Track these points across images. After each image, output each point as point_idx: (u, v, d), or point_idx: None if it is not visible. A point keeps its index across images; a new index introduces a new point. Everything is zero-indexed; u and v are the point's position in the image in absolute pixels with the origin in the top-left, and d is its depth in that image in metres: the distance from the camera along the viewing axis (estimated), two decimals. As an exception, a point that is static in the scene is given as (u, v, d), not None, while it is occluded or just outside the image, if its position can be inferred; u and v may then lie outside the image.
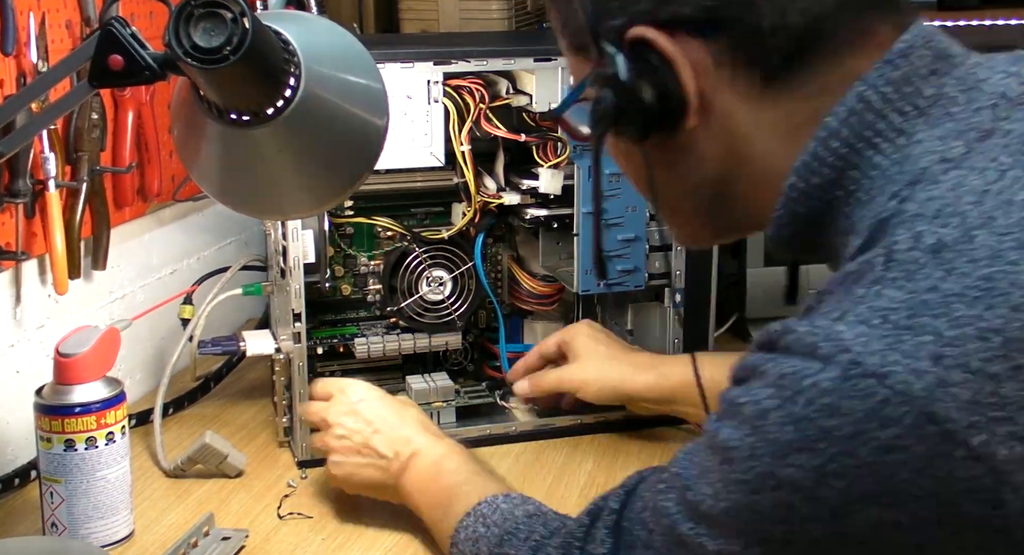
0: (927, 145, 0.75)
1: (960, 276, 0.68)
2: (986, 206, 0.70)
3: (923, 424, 0.66)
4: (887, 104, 0.77)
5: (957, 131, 0.75)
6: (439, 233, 1.40)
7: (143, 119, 1.39)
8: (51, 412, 1.09)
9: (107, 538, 1.12)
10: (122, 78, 0.78)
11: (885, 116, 0.77)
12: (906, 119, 0.76)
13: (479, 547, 1.01)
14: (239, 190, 0.87)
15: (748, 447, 0.71)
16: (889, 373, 0.67)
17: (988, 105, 0.76)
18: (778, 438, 0.69)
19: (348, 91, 0.84)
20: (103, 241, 1.35)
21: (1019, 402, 0.66)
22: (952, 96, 0.77)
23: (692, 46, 0.78)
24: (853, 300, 0.71)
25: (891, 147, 0.76)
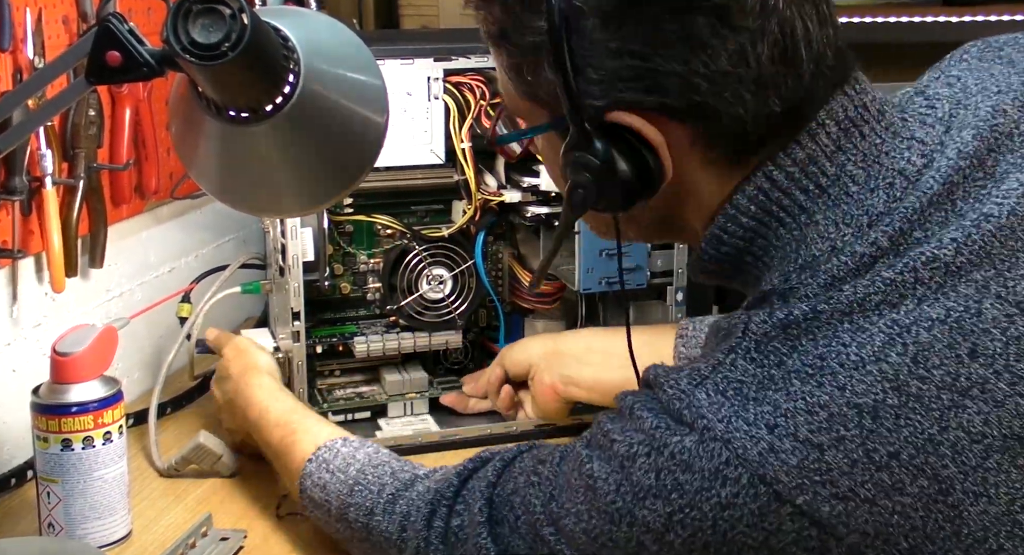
0: (822, 229, 0.82)
1: (802, 354, 0.77)
2: None
3: (756, 484, 0.75)
4: (792, 183, 0.83)
5: (851, 216, 0.82)
6: (439, 231, 1.40)
7: (141, 116, 1.39)
8: (48, 411, 1.09)
9: (104, 538, 1.12)
10: (120, 74, 0.78)
11: (790, 194, 0.83)
12: (809, 198, 0.83)
13: (328, 495, 1.06)
14: (238, 188, 0.87)
15: (614, 483, 0.80)
16: (731, 438, 0.76)
17: (884, 185, 0.82)
18: (640, 482, 0.78)
19: (347, 88, 0.84)
20: (100, 239, 1.35)
21: (840, 468, 0.74)
22: (852, 173, 0.83)
23: (672, 129, 0.83)
24: (712, 365, 0.80)
25: (794, 223, 0.83)
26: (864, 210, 0.82)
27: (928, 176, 0.81)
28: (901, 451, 0.74)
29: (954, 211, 0.80)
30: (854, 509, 0.74)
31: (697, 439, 0.77)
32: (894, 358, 0.75)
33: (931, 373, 0.75)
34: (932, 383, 0.75)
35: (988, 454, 0.75)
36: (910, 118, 0.85)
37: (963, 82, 0.89)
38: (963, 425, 0.75)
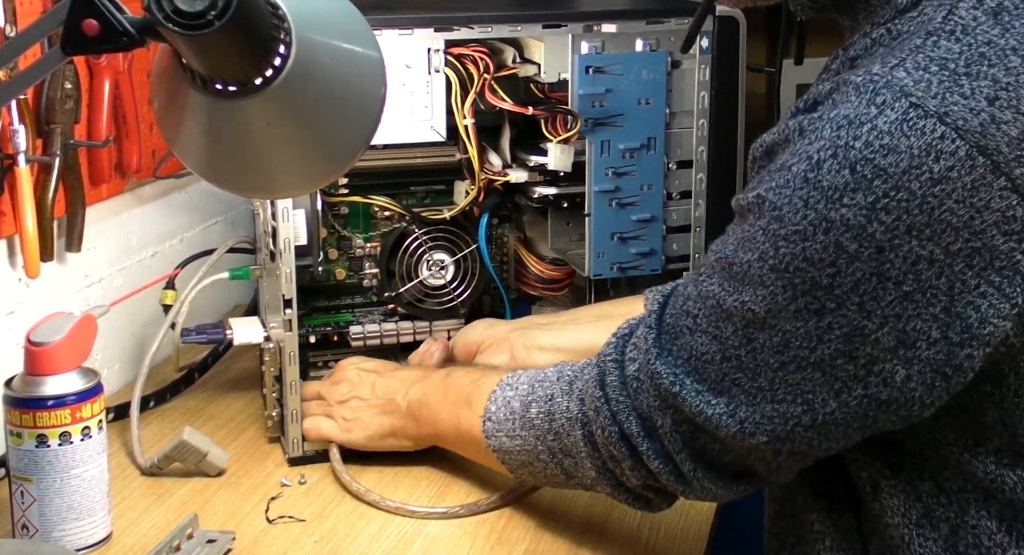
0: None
1: (1016, 34, 0.82)
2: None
3: (974, 156, 0.79)
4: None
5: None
6: (440, 213, 1.39)
7: (121, 89, 1.38)
8: (22, 405, 1.09)
9: (82, 541, 1.11)
10: (97, 44, 0.77)
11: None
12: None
13: (511, 406, 1.10)
14: (225, 166, 0.86)
15: (800, 199, 0.82)
16: (948, 112, 0.79)
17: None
18: (833, 183, 0.81)
19: (342, 60, 0.83)
20: (78, 221, 1.35)
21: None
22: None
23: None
24: (909, 50, 0.82)
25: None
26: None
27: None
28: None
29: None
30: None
31: (900, 117, 0.79)
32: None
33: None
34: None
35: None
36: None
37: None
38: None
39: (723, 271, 0.89)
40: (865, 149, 0.80)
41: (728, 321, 0.88)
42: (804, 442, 0.89)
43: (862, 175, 0.80)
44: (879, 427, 0.88)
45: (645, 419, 0.96)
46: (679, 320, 0.93)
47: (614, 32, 1.33)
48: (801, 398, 0.87)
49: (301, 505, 1.21)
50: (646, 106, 1.35)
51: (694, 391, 0.91)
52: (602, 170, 1.35)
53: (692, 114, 1.37)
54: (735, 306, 0.87)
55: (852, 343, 0.83)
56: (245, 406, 1.43)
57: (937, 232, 0.80)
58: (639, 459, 0.98)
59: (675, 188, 1.39)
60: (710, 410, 0.90)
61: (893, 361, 0.83)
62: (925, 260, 0.80)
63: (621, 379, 0.97)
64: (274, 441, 1.34)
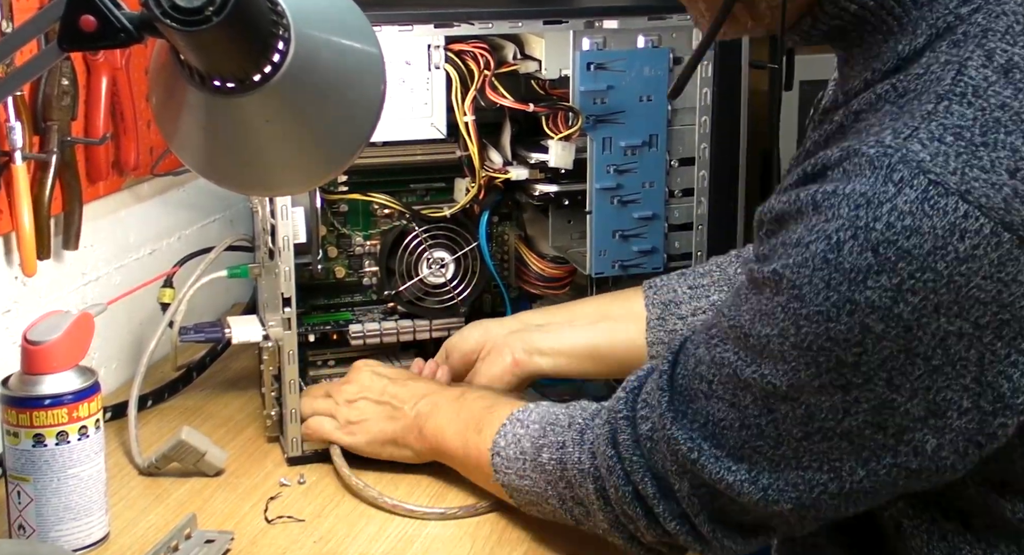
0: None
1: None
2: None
3: (1000, 232, 0.77)
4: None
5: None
6: (440, 211, 1.39)
7: (118, 86, 1.38)
8: (19, 404, 1.08)
9: (80, 541, 1.11)
10: (95, 41, 0.77)
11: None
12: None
13: (522, 445, 1.08)
14: (223, 164, 0.86)
15: (821, 280, 0.80)
16: (970, 189, 0.77)
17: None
18: (855, 265, 0.79)
19: (342, 56, 0.83)
20: (75, 218, 1.34)
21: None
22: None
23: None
24: (920, 117, 0.80)
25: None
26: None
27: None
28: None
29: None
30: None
31: (920, 196, 0.77)
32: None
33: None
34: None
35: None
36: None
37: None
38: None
39: (738, 341, 0.87)
40: (887, 231, 0.78)
41: (747, 391, 0.86)
42: (830, 508, 0.87)
43: (885, 257, 0.78)
44: (908, 491, 0.86)
45: (660, 480, 0.94)
46: (692, 383, 0.91)
47: (616, 28, 1.33)
48: (828, 466, 0.85)
49: (300, 505, 1.21)
50: (648, 103, 1.35)
51: (713, 457, 0.89)
52: (603, 167, 1.35)
53: (694, 111, 1.37)
54: (754, 377, 0.85)
55: (880, 415, 0.82)
56: (244, 405, 1.43)
57: (965, 308, 0.78)
58: (655, 519, 0.96)
59: (677, 186, 1.38)
60: (731, 477, 0.88)
61: (923, 431, 0.82)
62: (954, 335, 0.79)
63: (634, 438, 0.95)
64: (273, 441, 1.33)
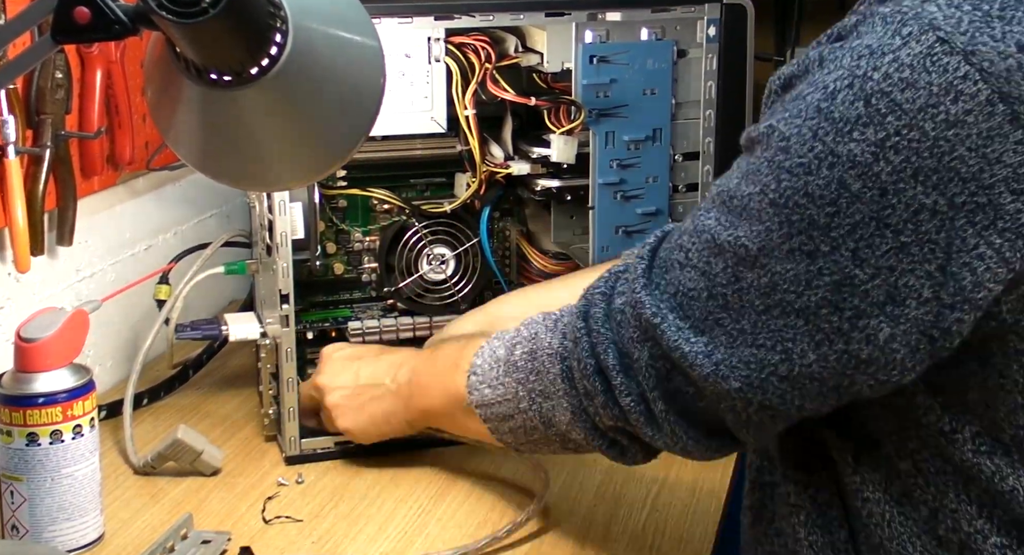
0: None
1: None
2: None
3: (995, 102, 0.77)
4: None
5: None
6: (441, 206, 1.39)
7: (113, 79, 1.38)
8: (12, 403, 1.08)
9: (74, 542, 1.11)
10: (89, 33, 0.77)
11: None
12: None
13: (497, 354, 1.09)
14: (220, 158, 0.86)
15: (810, 130, 0.80)
16: (975, 51, 0.77)
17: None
18: (845, 115, 0.79)
19: (340, 49, 0.83)
20: (69, 214, 1.34)
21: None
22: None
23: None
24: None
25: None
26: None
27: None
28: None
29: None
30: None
31: (924, 51, 0.78)
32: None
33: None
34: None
35: None
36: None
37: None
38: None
39: (723, 205, 0.88)
40: (883, 81, 0.79)
41: (720, 257, 0.87)
42: (776, 394, 0.87)
43: (876, 108, 0.79)
44: (855, 390, 0.86)
45: (623, 354, 0.95)
46: (672, 254, 0.92)
47: (619, 21, 1.33)
48: (781, 346, 0.86)
49: (298, 505, 1.21)
50: (651, 96, 1.34)
51: (675, 326, 0.90)
52: (606, 162, 1.35)
53: (699, 104, 1.37)
54: (728, 241, 0.86)
55: (840, 293, 0.82)
56: (241, 404, 1.43)
57: (944, 180, 0.78)
58: (612, 395, 0.96)
59: (681, 181, 1.38)
60: (687, 347, 0.89)
61: (879, 317, 0.82)
62: (927, 210, 0.79)
63: (606, 312, 0.96)
64: (271, 439, 1.33)
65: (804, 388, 0.87)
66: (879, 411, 0.90)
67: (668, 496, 1.24)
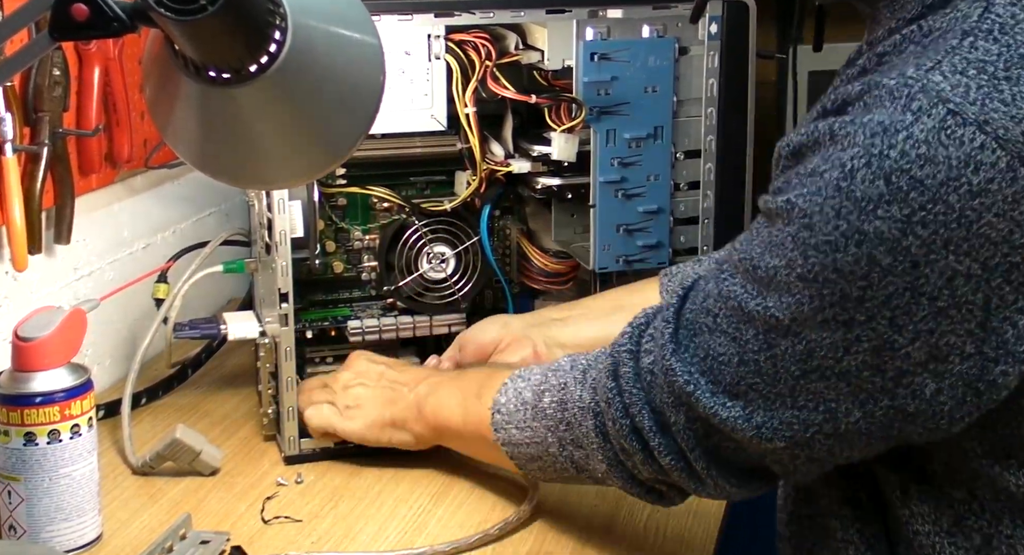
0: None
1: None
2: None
3: (1016, 167, 0.77)
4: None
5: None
6: (441, 204, 1.39)
7: (111, 76, 1.38)
8: (9, 402, 1.08)
9: (72, 542, 1.11)
10: (87, 30, 0.77)
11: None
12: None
13: (523, 396, 1.09)
14: (219, 156, 0.86)
15: (832, 208, 0.80)
16: (988, 120, 0.78)
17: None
18: (867, 194, 0.79)
19: (340, 46, 0.83)
20: (67, 212, 1.34)
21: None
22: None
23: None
24: (944, 51, 0.81)
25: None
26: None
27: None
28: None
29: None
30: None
31: (937, 125, 0.78)
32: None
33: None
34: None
35: None
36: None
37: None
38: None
39: (747, 273, 0.87)
40: (901, 159, 0.78)
41: (749, 324, 0.87)
42: (824, 449, 0.88)
43: (897, 186, 0.78)
44: (903, 438, 0.87)
45: (658, 414, 0.95)
46: (698, 317, 0.92)
47: (619, 18, 1.33)
48: (823, 406, 0.86)
49: (297, 505, 1.21)
50: (653, 94, 1.34)
51: (709, 392, 0.90)
52: (607, 160, 1.35)
53: (700, 102, 1.37)
54: (758, 310, 0.86)
55: (881, 356, 0.82)
56: (240, 403, 1.43)
57: (975, 247, 0.78)
58: (651, 454, 0.97)
59: (683, 178, 1.38)
60: (725, 413, 0.90)
61: (923, 375, 0.82)
62: (962, 276, 0.79)
63: (635, 371, 0.97)
64: (270, 439, 1.33)
65: (852, 442, 0.87)
66: (928, 448, 0.89)
67: (669, 496, 1.24)
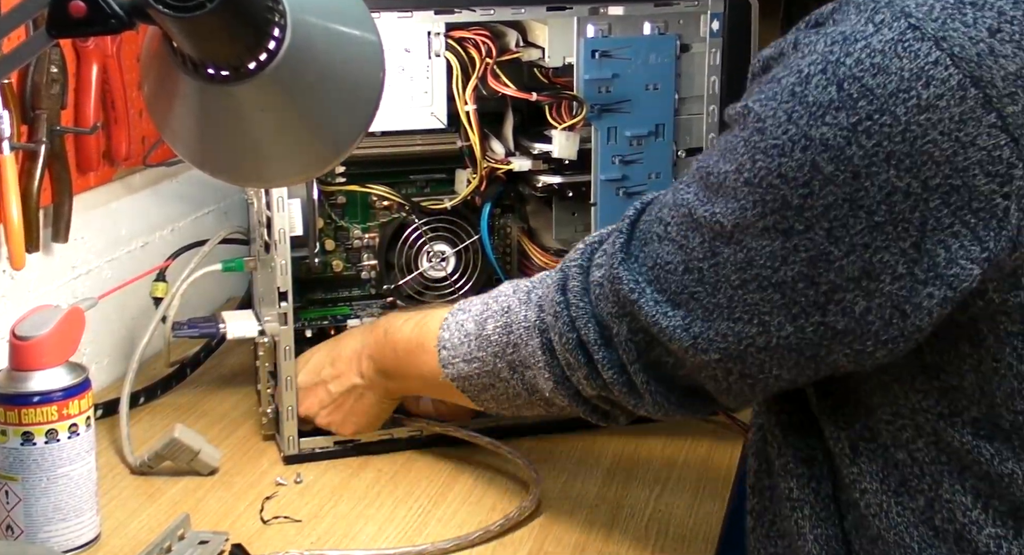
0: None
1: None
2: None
3: (966, 86, 0.78)
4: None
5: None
6: (441, 203, 1.39)
7: (109, 74, 1.37)
8: (6, 402, 1.08)
9: (70, 542, 1.11)
10: (85, 27, 0.76)
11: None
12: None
13: (465, 328, 1.11)
14: (218, 154, 0.86)
15: (784, 112, 0.82)
16: (946, 37, 0.79)
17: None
18: (818, 99, 0.81)
19: (339, 44, 0.83)
20: (65, 210, 1.34)
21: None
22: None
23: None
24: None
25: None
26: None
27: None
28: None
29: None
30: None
31: (896, 37, 0.79)
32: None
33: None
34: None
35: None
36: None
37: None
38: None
39: (701, 180, 0.90)
40: (855, 66, 0.80)
41: (696, 231, 0.89)
42: (755, 364, 0.90)
43: (848, 93, 0.80)
44: (832, 361, 0.88)
45: (603, 327, 0.97)
46: (652, 227, 0.94)
47: (621, 15, 1.33)
48: (757, 319, 0.88)
49: (297, 505, 1.21)
50: (654, 92, 1.34)
51: (653, 300, 0.92)
52: (608, 158, 1.34)
53: (702, 100, 1.37)
54: (705, 216, 0.88)
55: (816, 268, 0.84)
56: (239, 403, 1.43)
57: (917, 164, 0.79)
58: (594, 368, 0.99)
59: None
60: (665, 322, 0.91)
61: (855, 291, 0.84)
62: (901, 192, 0.80)
63: (584, 285, 0.98)
64: (269, 439, 1.33)
65: (782, 358, 0.89)
66: (878, 399, 0.90)
67: (671, 496, 1.24)
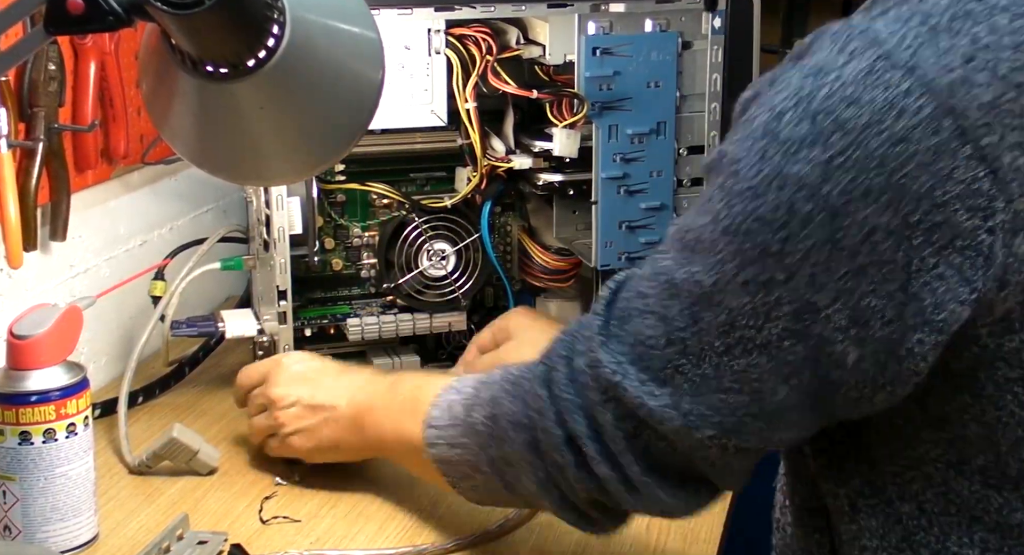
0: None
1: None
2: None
3: (940, 117, 0.75)
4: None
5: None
6: (441, 201, 1.39)
7: (107, 71, 1.37)
8: (4, 401, 1.08)
9: (68, 542, 1.11)
10: (83, 24, 0.77)
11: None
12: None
13: (454, 411, 1.04)
14: (217, 152, 0.86)
15: (758, 152, 0.79)
16: (917, 66, 0.76)
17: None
18: (792, 135, 0.78)
19: (339, 41, 0.83)
20: (62, 208, 1.34)
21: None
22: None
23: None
24: (895, 2, 0.80)
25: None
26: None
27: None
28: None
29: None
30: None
31: (866, 68, 0.77)
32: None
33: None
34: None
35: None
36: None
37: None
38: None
39: (678, 242, 0.86)
40: (827, 99, 0.77)
41: (676, 299, 0.85)
42: (753, 432, 0.85)
43: (821, 128, 0.77)
44: (831, 412, 0.85)
45: (590, 418, 0.91)
46: (630, 302, 0.89)
47: (622, 12, 1.33)
48: (748, 386, 0.84)
49: (296, 505, 1.20)
50: (655, 89, 1.34)
51: (637, 381, 0.87)
52: (610, 156, 1.34)
53: (704, 97, 1.37)
54: (684, 279, 0.84)
55: (801, 321, 0.80)
56: (237, 402, 1.43)
57: (895, 199, 0.76)
58: (585, 464, 0.92)
59: (686, 174, 1.38)
60: (653, 401, 0.86)
61: (844, 342, 0.80)
62: (882, 230, 0.77)
63: (569, 376, 0.92)
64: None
65: (780, 421, 0.85)
66: (882, 451, 0.88)
67: (672, 496, 1.24)
